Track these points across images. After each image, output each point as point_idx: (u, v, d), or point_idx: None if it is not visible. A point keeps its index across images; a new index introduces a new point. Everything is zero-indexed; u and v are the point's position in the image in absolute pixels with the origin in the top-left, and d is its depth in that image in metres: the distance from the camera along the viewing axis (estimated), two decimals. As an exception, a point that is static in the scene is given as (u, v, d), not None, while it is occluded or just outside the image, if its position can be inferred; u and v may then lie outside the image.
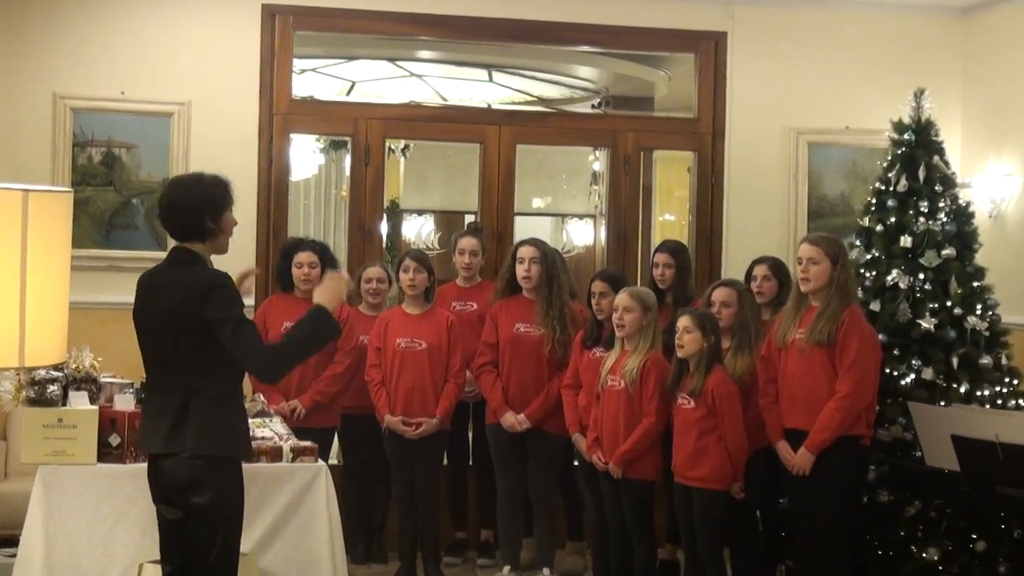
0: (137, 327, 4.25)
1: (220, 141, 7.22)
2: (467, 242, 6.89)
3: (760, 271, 6.36)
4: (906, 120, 6.41)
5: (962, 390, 6.05)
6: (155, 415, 4.18)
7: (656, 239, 8.99)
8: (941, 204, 6.29)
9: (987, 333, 6.21)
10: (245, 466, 4.25)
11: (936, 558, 5.92)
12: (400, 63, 9.94)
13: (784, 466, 5.62)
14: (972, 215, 6.44)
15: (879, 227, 6.34)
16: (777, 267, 6.38)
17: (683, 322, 5.63)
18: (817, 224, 7.71)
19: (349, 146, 7.75)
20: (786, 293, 6.03)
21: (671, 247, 6.69)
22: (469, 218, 9.41)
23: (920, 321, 6.13)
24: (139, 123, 7.17)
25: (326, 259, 6.70)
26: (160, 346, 4.16)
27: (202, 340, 4.04)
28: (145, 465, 4.32)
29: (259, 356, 4.05)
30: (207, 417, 4.10)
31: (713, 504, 5.57)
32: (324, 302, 4.18)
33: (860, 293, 6.11)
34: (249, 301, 7.15)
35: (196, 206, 4.14)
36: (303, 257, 6.64)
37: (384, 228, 8.29)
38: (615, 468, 5.78)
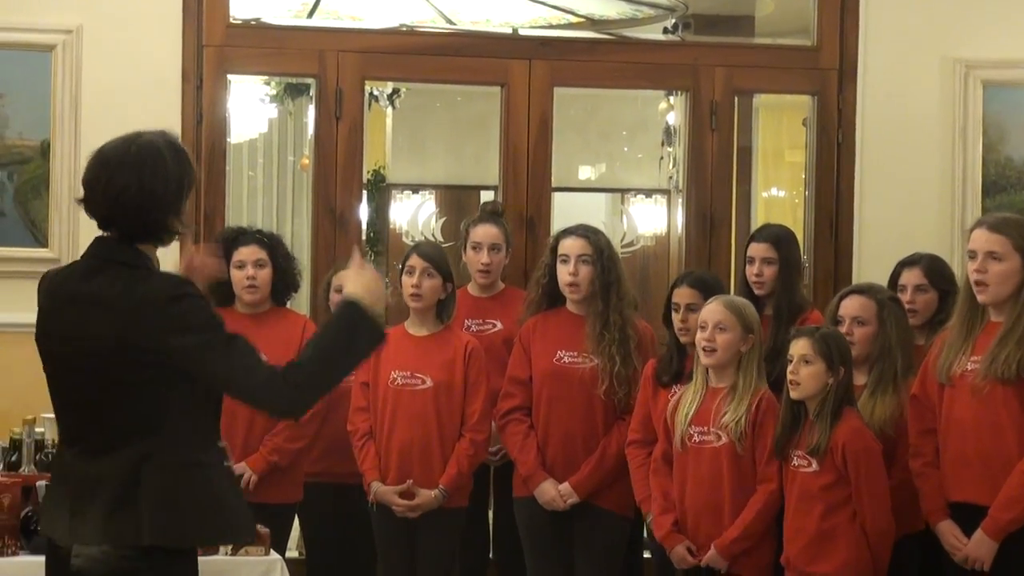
0: (44, 356, 4.19)
1: (125, 87, 7.21)
2: (484, 232, 6.90)
3: (911, 277, 6.38)
4: None
5: None
6: (79, 489, 4.07)
7: (758, 224, 8.96)
8: None
9: None
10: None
11: None
12: (386, -32, 9.98)
13: (950, 557, 5.60)
14: None
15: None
16: (936, 271, 6.40)
17: (799, 347, 5.61)
18: (997, 201, 7.75)
19: (313, 92, 7.78)
20: (951, 308, 6.00)
21: (771, 234, 6.66)
22: (487, 196, 9.43)
23: None
24: (6, 60, 7.20)
25: (278, 256, 6.76)
26: (88, 387, 4.08)
27: (158, 381, 3.99)
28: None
29: (268, 381, 3.96)
30: (168, 493, 4.01)
31: (846, 613, 5.60)
32: (359, 294, 4.07)
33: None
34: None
35: (159, 200, 4.05)
36: (246, 253, 6.69)
37: (364, 211, 8.32)
38: (718, 557, 5.78)
